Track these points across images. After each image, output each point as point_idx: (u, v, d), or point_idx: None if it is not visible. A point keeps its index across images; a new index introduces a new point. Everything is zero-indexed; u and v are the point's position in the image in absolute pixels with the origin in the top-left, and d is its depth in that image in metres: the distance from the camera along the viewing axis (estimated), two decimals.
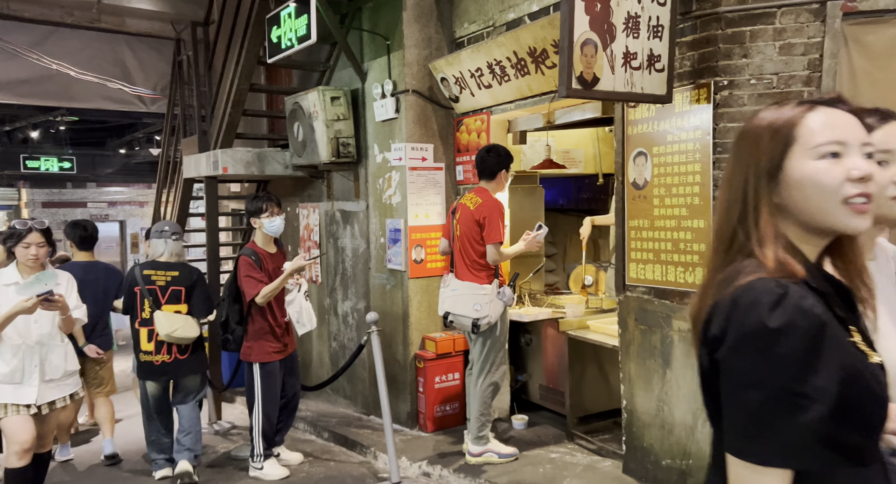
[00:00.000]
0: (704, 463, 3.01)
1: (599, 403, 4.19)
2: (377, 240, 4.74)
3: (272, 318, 3.83)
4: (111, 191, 17.92)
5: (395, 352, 4.59)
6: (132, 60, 7.99)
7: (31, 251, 3.09)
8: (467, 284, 3.62)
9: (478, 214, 3.59)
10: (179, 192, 6.23)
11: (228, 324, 3.83)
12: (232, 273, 3.89)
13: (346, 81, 4.96)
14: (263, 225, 3.79)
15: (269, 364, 3.82)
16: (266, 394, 3.82)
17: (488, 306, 3.55)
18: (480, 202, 3.62)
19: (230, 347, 3.87)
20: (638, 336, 3.29)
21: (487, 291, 3.58)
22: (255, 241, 3.87)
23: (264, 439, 3.87)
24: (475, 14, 4.27)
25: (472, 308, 3.55)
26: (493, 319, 3.57)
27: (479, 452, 3.70)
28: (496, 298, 3.59)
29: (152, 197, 17.94)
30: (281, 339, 3.88)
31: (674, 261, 3.09)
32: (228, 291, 3.85)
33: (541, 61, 3.60)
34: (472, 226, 3.61)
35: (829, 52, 2.71)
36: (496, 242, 3.55)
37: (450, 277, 3.74)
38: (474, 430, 3.70)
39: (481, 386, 3.67)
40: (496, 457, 3.71)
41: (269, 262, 3.81)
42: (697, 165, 2.95)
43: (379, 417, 4.83)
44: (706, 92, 2.88)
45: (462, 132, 4.44)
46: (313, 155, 4.82)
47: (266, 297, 3.68)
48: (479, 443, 3.70)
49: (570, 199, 6.08)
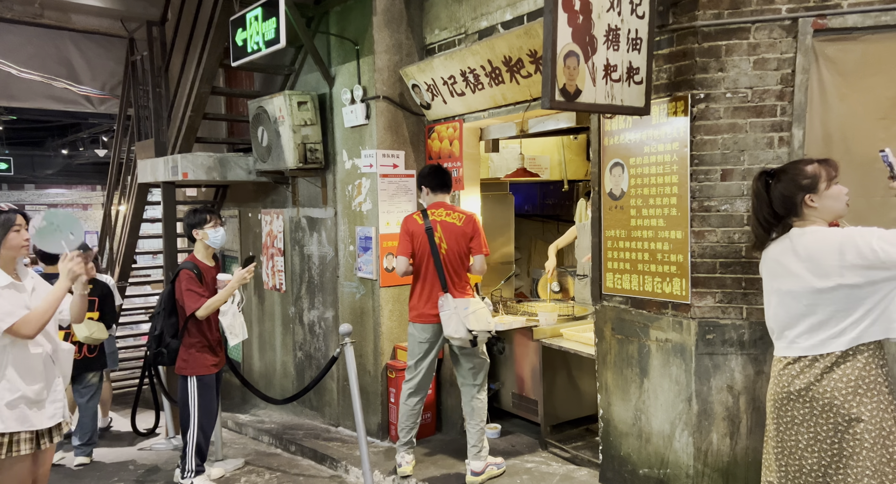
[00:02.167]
0: (682, 472, 3.06)
1: (572, 410, 4.21)
2: (346, 248, 4.64)
3: (209, 331, 3.79)
4: (51, 193, 17.10)
5: (365, 362, 4.50)
6: (78, 59, 7.61)
7: (23, 235, 2.65)
8: (468, 299, 3.55)
9: (468, 228, 3.57)
10: (133, 196, 5.97)
11: (163, 337, 3.76)
12: (168, 286, 3.81)
13: (313, 86, 4.84)
14: (208, 236, 3.73)
15: (206, 377, 3.77)
16: (203, 408, 3.75)
17: (493, 321, 3.65)
18: (464, 217, 3.60)
19: (163, 361, 3.79)
20: (615, 345, 3.31)
21: (484, 303, 3.63)
22: (195, 254, 3.81)
23: (198, 455, 3.79)
24: (446, 21, 4.23)
25: (485, 322, 3.51)
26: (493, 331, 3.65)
27: (481, 469, 3.58)
28: (489, 312, 3.64)
29: (97, 200, 17.12)
30: (217, 353, 3.86)
31: (651, 271, 3.12)
32: (164, 305, 3.76)
33: (516, 70, 3.59)
34: (462, 241, 3.57)
35: (801, 67, 2.78)
36: (485, 254, 3.61)
37: (448, 297, 3.52)
38: (478, 443, 3.59)
39: (483, 397, 3.66)
40: (496, 469, 3.67)
41: (209, 274, 3.79)
42: (675, 177, 2.99)
43: (348, 429, 4.74)
44: (683, 104, 2.93)
45: (434, 139, 4.39)
46: (279, 161, 4.69)
47: (208, 309, 3.64)
48: (481, 458, 3.60)
49: (536, 205, 6.13)
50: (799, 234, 2.17)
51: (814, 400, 2.09)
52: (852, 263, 2.00)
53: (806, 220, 2.17)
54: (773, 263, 2.25)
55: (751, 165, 2.86)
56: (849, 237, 2.03)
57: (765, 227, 2.25)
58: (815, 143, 2.84)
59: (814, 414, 2.10)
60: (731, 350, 2.93)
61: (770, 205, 2.21)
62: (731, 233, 2.90)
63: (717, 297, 2.94)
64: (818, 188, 2.13)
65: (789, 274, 2.16)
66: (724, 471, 2.97)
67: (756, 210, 2.27)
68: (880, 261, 1.96)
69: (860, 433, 2.04)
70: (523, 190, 5.89)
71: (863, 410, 2.04)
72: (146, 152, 5.41)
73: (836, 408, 2.06)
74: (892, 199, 2.64)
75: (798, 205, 2.16)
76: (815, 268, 2.08)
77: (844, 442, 2.06)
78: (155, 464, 4.56)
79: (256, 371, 5.99)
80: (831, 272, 2.04)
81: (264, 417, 5.45)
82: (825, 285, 2.05)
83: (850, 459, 2.05)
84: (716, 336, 2.93)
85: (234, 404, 6.00)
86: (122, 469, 4.47)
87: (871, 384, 2.05)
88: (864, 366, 2.06)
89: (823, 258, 2.06)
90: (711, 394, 2.95)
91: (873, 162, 2.75)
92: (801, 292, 2.12)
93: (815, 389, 2.09)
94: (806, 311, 2.12)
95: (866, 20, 2.72)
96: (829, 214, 2.16)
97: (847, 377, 2.06)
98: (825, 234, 2.11)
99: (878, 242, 1.97)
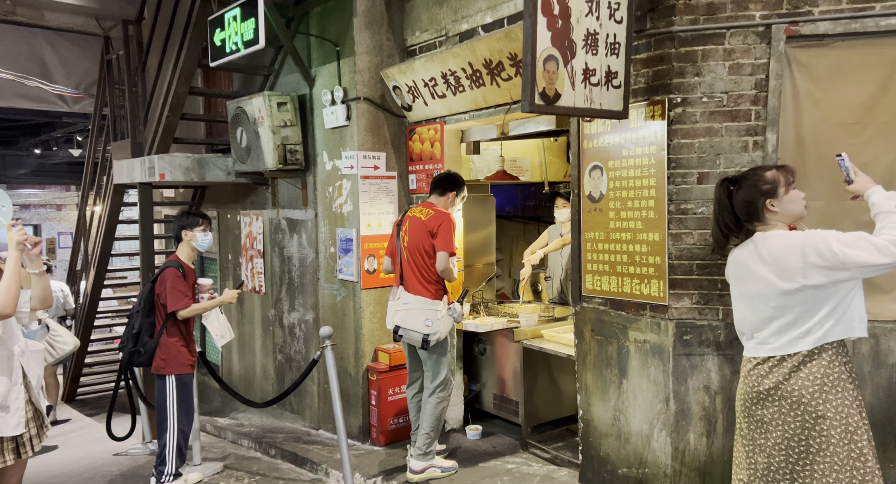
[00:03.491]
0: (660, 471, 3.10)
1: (552, 411, 4.23)
2: (327, 249, 4.62)
3: (186, 331, 3.82)
4: (24, 193, 16.71)
5: (346, 364, 4.48)
6: (52, 57, 7.48)
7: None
8: (418, 298, 3.58)
9: (431, 224, 3.58)
10: (109, 197, 5.87)
11: (141, 336, 3.75)
12: (149, 285, 3.81)
13: (293, 87, 4.81)
14: (197, 238, 3.78)
15: (186, 376, 3.77)
16: (181, 407, 3.75)
17: (440, 323, 3.56)
18: (433, 214, 3.62)
19: (139, 360, 3.77)
20: (594, 347, 3.34)
21: (439, 306, 3.58)
22: (179, 254, 3.82)
23: (178, 457, 3.76)
24: (427, 23, 4.23)
25: (423, 323, 3.53)
26: (442, 336, 3.57)
27: (421, 468, 3.66)
28: (447, 315, 3.61)
29: (70, 200, 16.81)
30: (193, 352, 3.88)
31: (629, 273, 3.16)
32: (143, 304, 3.75)
33: (496, 73, 3.61)
34: (424, 237, 3.59)
35: (775, 72, 2.84)
36: (448, 252, 3.55)
37: (400, 290, 3.66)
38: (423, 446, 3.65)
39: (434, 402, 3.65)
40: (439, 471, 3.69)
41: (191, 277, 3.84)
42: (653, 180, 3.02)
43: (328, 432, 4.72)
44: (661, 108, 2.96)
45: (415, 141, 4.39)
46: (258, 162, 4.65)
47: (192, 312, 3.74)
48: (423, 459, 3.67)
49: (517, 206, 6.15)
50: (762, 239, 2.24)
51: (782, 399, 2.16)
52: (814, 264, 2.08)
53: (768, 224, 2.25)
54: (740, 268, 2.31)
55: (726, 169, 2.90)
56: (810, 240, 2.11)
57: (724, 233, 2.34)
58: (789, 146, 2.90)
59: (782, 413, 2.16)
60: (707, 351, 2.97)
61: (732, 211, 2.29)
62: (707, 235, 2.95)
63: (693, 298, 2.98)
64: (778, 193, 2.22)
65: (756, 277, 2.23)
66: (700, 470, 3.01)
67: (717, 216, 2.35)
68: (840, 262, 2.05)
69: (826, 430, 2.10)
70: (504, 191, 5.92)
71: (829, 408, 2.11)
72: (122, 153, 5.32)
73: (803, 406, 2.12)
74: (864, 202, 2.70)
75: (760, 210, 2.24)
76: (780, 270, 2.15)
77: (811, 439, 2.12)
78: (131, 469, 4.50)
79: (236, 374, 5.93)
80: (795, 274, 2.11)
81: (243, 421, 5.40)
82: (790, 287, 2.13)
83: (816, 455, 2.11)
84: (693, 337, 2.98)
85: (213, 408, 5.93)
86: (97, 474, 4.40)
87: (836, 381, 2.13)
88: (829, 363, 2.13)
89: (787, 261, 2.13)
90: (689, 394, 2.99)
91: None
92: (769, 295, 2.19)
93: (783, 387, 2.15)
94: (774, 313, 2.19)
95: (837, 27, 2.78)
96: (789, 218, 2.25)
97: (814, 375, 2.13)
98: (788, 237, 2.18)
99: (837, 245, 2.05)
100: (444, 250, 3.53)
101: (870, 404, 2.84)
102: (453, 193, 3.73)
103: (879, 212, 2.15)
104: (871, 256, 2.02)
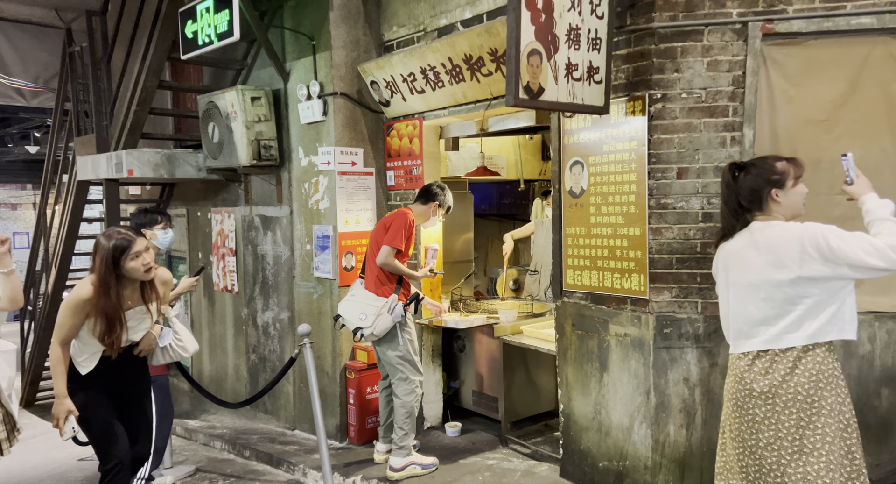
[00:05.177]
0: (641, 464, 3.13)
1: (531, 406, 4.25)
2: (303, 247, 4.54)
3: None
4: None
5: (323, 363, 4.41)
6: (8, 49, 7.19)
7: None
8: (366, 292, 3.69)
9: (388, 221, 3.68)
10: (71, 195, 5.67)
11: None
12: None
13: (267, 81, 4.72)
14: (157, 237, 3.67)
15: (160, 377, 3.67)
16: (160, 409, 3.62)
17: (374, 318, 3.56)
18: (394, 213, 3.72)
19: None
20: (575, 341, 3.36)
21: (379, 304, 3.59)
22: None
23: (154, 460, 3.65)
24: (405, 18, 4.20)
25: (358, 316, 3.60)
26: (377, 332, 3.56)
27: (401, 466, 3.63)
28: (385, 313, 3.57)
29: (26, 199, 16.21)
30: None
31: (610, 267, 3.19)
32: None
33: (476, 69, 3.60)
34: (380, 233, 3.68)
35: (751, 69, 2.89)
36: (392, 246, 3.56)
37: (357, 282, 3.81)
38: (397, 440, 3.65)
39: (398, 401, 3.66)
40: (419, 469, 3.66)
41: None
42: (633, 175, 3.06)
43: (305, 432, 4.64)
44: (641, 104, 3.00)
45: (393, 137, 4.35)
46: (231, 157, 4.55)
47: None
48: (401, 454, 3.64)
49: (493, 204, 6.17)
50: (760, 228, 2.21)
51: (776, 397, 2.10)
52: (811, 255, 2.06)
53: (769, 214, 2.23)
54: (731, 257, 2.28)
55: (705, 164, 2.95)
56: (809, 231, 2.09)
57: (736, 216, 2.28)
58: (764, 143, 2.96)
59: (776, 411, 2.11)
60: (687, 343, 3.02)
61: (737, 196, 2.25)
62: (686, 229, 2.99)
63: (673, 292, 3.02)
64: (785, 185, 2.20)
65: (748, 266, 2.20)
66: (680, 461, 3.06)
67: (726, 200, 2.29)
68: (836, 257, 2.03)
69: (822, 427, 2.06)
70: (480, 189, 5.93)
71: (823, 405, 2.07)
72: (86, 148, 5.14)
73: (799, 403, 2.08)
74: (835, 198, 2.77)
75: (764, 199, 2.21)
76: (775, 259, 2.13)
77: (806, 438, 2.07)
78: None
79: (207, 375, 5.79)
80: (791, 264, 2.09)
81: (215, 423, 5.28)
82: (784, 277, 2.10)
83: (810, 455, 2.06)
84: (673, 330, 3.02)
85: (183, 411, 5.78)
86: (60, 481, 4.25)
87: (831, 378, 2.09)
88: (823, 360, 2.10)
89: (784, 250, 2.11)
90: (669, 386, 3.03)
91: (818, 162, 2.89)
92: (761, 284, 2.16)
93: (778, 386, 2.10)
94: (763, 304, 2.15)
95: (810, 26, 2.86)
96: (791, 211, 2.22)
97: (809, 372, 2.09)
98: (787, 227, 2.17)
99: (835, 240, 2.03)
100: (388, 244, 3.58)
101: None
102: (435, 204, 3.77)
103: (874, 219, 2.12)
104: (868, 257, 1.99)
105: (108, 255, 2.64)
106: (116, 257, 2.65)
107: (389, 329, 3.59)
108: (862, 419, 2.92)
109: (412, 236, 3.68)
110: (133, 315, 2.80)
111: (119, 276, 2.69)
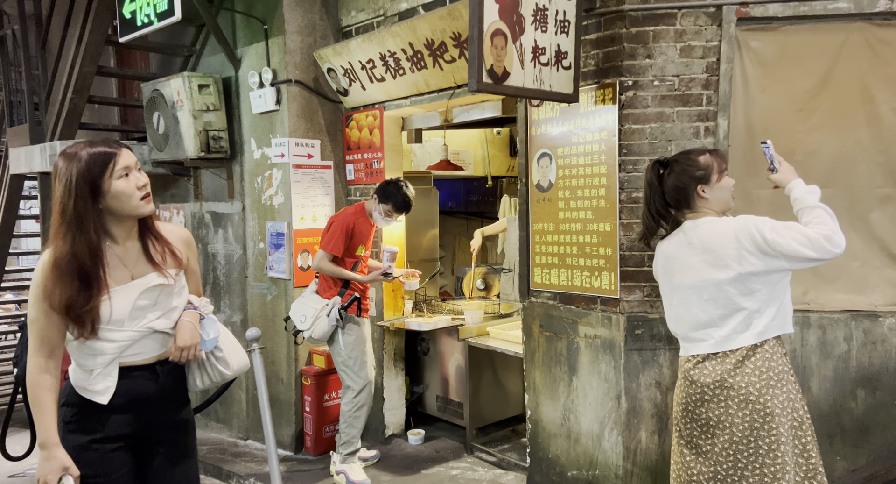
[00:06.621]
0: (611, 472, 2.96)
1: (497, 412, 4.06)
2: (256, 245, 4.27)
3: None
4: None
5: (277, 369, 4.15)
6: None
7: None
8: (312, 293, 3.59)
9: (330, 221, 3.57)
10: (5, 189, 5.28)
11: None
12: None
13: (217, 68, 4.43)
14: None
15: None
16: None
17: (311, 321, 3.47)
18: (340, 212, 3.62)
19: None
20: (543, 343, 3.18)
21: (319, 306, 3.48)
22: None
23: None
24: (364, 2, 3.97)
25: (299, 317, 3.53)
26: (315, 335, 3.47)
27: (338, 470, 3.56)
28: (322, 316, 3.45)
29: None
30: None
31: (579, 265, 3.01)
32: None
33: (439, 55, 3.39)
34: (324, 234, 3.60)
35: (726, 56, 2.75)
36: (326, 251, 3.47)
37: (312, 282, 3.68)
38: (339, 445, 3.55)
39: (343, 407, 3.55)
40: (343, 481, 3.51)
41: None
42: (603, 167, 2.89)
43: (258, 442, 4.37)
44: (612, 92, 2.83)
45: (352, 128, 4.11)
46: (178, 149, 4.25)
47: None
48: (343, 459, 3.55)
49: (460, 201, 5.97)
50: (692, 227, 2.10)
51: (729, 397, 2.01)
52: (748, 250, 1.97)
53: (697, 211, 2.12)
54: (669, 260, 2.16)
55: None
56: (742, 225, 2.00)
57: (656, 219, 2.19)
58: (739, 133, 2.83)
59: (729, 413, 2.01)
60: (659, 345, 2.86)
61: (663, 196, 2.14)
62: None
63: (645, 290, 2.86)
64: (710, 180, 2.08)
65: (687, 268, 2.09)
66: (652, 469, 2.90)
67: (649, 201, 2.18)
68: (772, 249, 1.95)
69: (776, 427, 1.99)
70: (447, 186, 5.72)
71: (776, 403, 1.99)
72: (20, 139, 4.77)
73: (751, 403, 1.99)
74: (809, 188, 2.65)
75: (690, 196, 2.10)
76: (713, 259, 2.02)
77: (761, 439, 1.99)
78: None
79: None
80: (730, 261, 1.99)
81: None
82: (725, 276, 2.00)
83: (766, 457, 1.99)
84: (644, 331, 2.86)
85: None
86: None
87: (781, 374, 2.02)
88: (772, 357, 2.02)
89: (721, 248, 2.01)
90: (640, 390, 2.87)
91: (792, 154, 2.76)
92: (702, 285, 2.05)
93: (728, 382, 2.01)
94: (708, 305, 2.05)
95: (786, 10, 2.72)
96: (720, 206, 2.11)
97: (759, 370, 2.01)
98: (720, 224, 2.05)
99: (769, 232, 1.95)
100: (321, 248, 3.50)
101: (816, 396, 2.80)
102: (388, 206, 3.54)
103: (804, 207, 2.04)
104: (802, 248, 1.91)
105: (80, 175, 1.61)
106: (95, 175, 1.62)
107: (330, 332, 3.46)
108: (838, 423, 2.82)
109: (360, 238, 3.53)
110: (145, 293, 1.73)
111: (100, 212, 1.66)
